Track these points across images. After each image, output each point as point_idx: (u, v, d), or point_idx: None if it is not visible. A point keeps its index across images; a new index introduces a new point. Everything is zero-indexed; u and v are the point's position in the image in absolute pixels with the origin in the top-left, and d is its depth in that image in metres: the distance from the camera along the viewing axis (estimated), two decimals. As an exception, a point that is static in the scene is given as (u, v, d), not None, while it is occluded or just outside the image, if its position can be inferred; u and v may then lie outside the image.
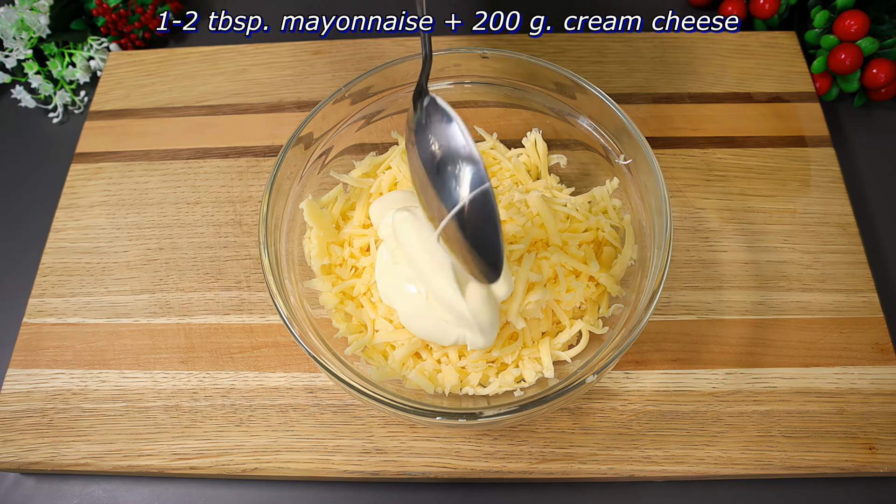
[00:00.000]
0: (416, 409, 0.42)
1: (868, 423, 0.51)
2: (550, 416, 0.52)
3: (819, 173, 0.62)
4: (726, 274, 0.57)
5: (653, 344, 0.54)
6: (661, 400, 0.52)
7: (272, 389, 0.54)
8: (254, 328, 0.56)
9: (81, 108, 0.73)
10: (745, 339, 0.54)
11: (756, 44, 0.69)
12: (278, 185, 0.49)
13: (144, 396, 0.54)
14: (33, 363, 0.56)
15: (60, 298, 0.59)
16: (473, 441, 0.51)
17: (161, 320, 0.57)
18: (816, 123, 0.64)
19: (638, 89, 0.67)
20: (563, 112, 0.54)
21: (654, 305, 0.43)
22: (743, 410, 0.52)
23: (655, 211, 0.48)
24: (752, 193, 0.61)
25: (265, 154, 0.65)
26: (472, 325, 0.47)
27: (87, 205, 0.63)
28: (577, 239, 0.51)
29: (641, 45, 0.70)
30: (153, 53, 0.72)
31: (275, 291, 0.45)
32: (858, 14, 0.65)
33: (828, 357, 0.54)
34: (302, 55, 0.71)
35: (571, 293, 0.49)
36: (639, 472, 0.50)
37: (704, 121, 0.65)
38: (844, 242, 0.58)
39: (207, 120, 0.67)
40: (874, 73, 0.66)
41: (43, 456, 0.52)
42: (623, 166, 0.52)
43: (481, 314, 0.46)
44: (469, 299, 0.46)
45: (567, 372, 0.49)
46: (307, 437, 0.52)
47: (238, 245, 0.60)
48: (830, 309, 0.56)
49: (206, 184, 0.64)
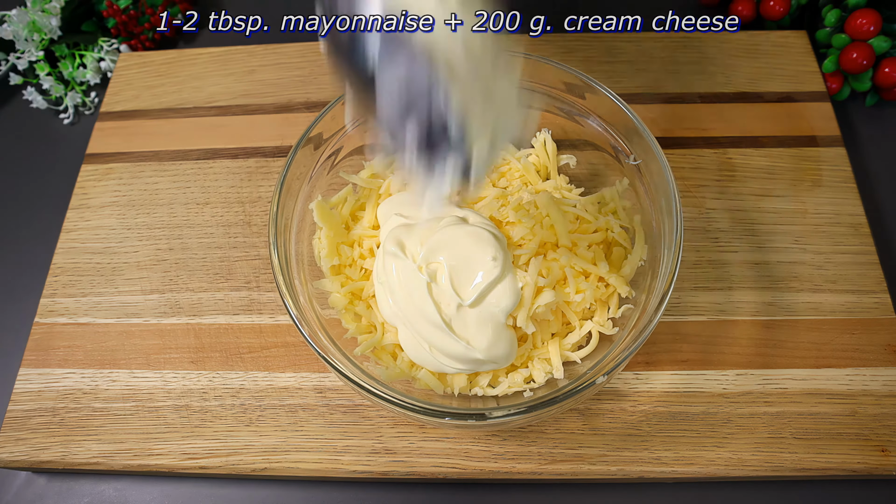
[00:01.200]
0: (425, 409, 0.42)
1: (880, 424, 0.51)
2: (560, 417, 0.52)
3: (830, 173, 0.62)
4: (737, 274, 0.57)
5: (663, 345, 0.54)
6: (672, 401, 0.52)
7: (282, 389, 0.54)
8: (263, 328, 0.57)
9: (92, 109, 0.74)
10: (756, 340, 0.54)
11: (766, 43, 0.69)
12: (288, 185, 0.49)
13: (154, 396, 0.54)
14: (44, 363, 0.56)
15: (71, 298, 0.59)
16: (483, 441, 0.51)
17: (171, 320, 0.57)
18: (827, 123, 0.64)
19: (648, 89, 0.67)
20: (573, 112, 0.54)
21: (664, 306, 0.43)
22: (754, 412, 0.51)
23: (665, 211, 0.47)
24: (762, 194, 0.61)
25: (274, 154, 0.65)
26: (489, 364, 0.47)
27: (97, 205, 0.64)
28: (587, 240, 0.51)
29: (651, 45, 0.69)
30: (163, 54, 0.73)
31: (284, 292, 0.45)
32: (871, 13, 0.64)
33: (839, 358, 0.53)
34: (311, 55, 0.71)
35: (581, 294, 0.49)
36: (648, 474, 0.50)
37: (715, 121, 0.65)
38: (856, 243, 0.58)
39: (217, 121, 0.68)
40: (886, 72, 0.65)
41: (54, 455, 0.52)
42: (633, 166, 0.51)
43: (495, 348, 0.46)
44: (478, 341, 0.46)
45: (577, 373, 0.49)
46: (316, 437, 0.52)
47: (248, 245, 0.61)
48: (842, 310, 0.55)
49: (215, 184, 0.64)
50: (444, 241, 0.47)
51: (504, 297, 0.46)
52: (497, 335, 0.46)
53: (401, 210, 0.51)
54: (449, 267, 0.46)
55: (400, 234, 0.48)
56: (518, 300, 0.46)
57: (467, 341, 0.46)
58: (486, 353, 0.46)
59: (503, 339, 0.47)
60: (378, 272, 0.49)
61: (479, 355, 0.46)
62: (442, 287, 0.46)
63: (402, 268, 0.47)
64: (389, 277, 0.47)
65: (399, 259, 0.47)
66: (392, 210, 0.51)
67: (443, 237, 0.47)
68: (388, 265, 0.47)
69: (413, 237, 0.48)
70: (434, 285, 0.46)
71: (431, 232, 0.47)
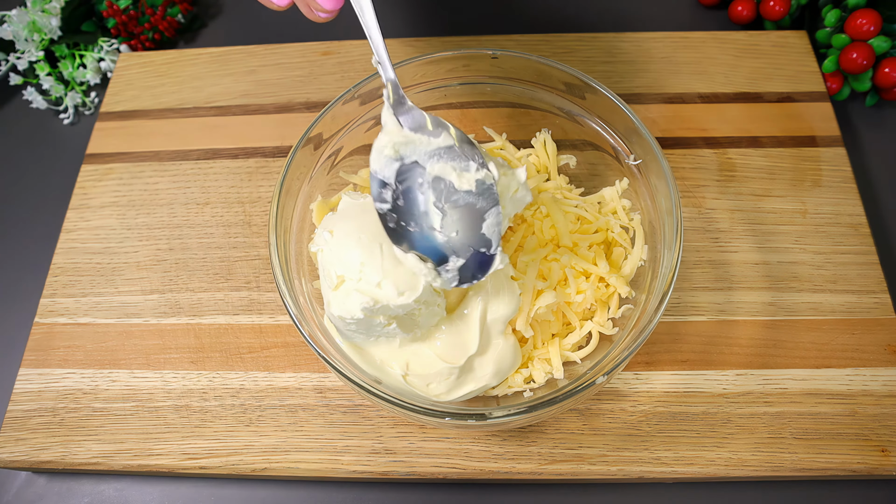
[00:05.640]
0: (425, 409, 0.42)
1: (880, 425, 0.51)
2: (560, 417, 0.52)
3: (830, 173, 0.62)
4: (737, 275, 0.57)
5: (663, 345, 0.54)
6: (671, 401, 0.52)
7: (282, 389, 0.54)
8: (263, 328, 0.57)
9: (92, 110, 0.74)
10: (756, 341, 0.54)
11: (766, 43, 0.69)
12: (288, 185, 0.49)
13: (154, 396, 0.54)
14: (44, 363, 0.56)
15: (71, 298, 0.59)
16: (483, 442, 0.51)
17: (171, 320, 0.57)
18: (827, 123, 0.64)
19: (647, 89, 0.67)
20: (573, 112, 0.54)
21: (664, 306, 0.43)
22: (754, 412, 0.51)
23: (665, 211, 0.47)
24: (762, 194, 0.61)
25: (274, 155, 0.65)
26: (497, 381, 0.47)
27: (97, 205, 0.64)
28: (588, 240, 0.51)
29: (651, 45, 0.69)
30: (163, 54, 0.73)
31: (284, 292, 0.45)
32: (871, 13, 0.64)
33: (839, 358, 0.53)
34: (311, 56, 0.71)
35: (581, 295, 0.49)
36: (648, 474, 0.50)
37: (714, 121, 0.65)
38: (856, 243, 0.58)
39: (217, 121, 0.68)
40: (886, 72, 0.65)
41: (54, 455, 0.52)
42: (633, 166, 0.51)
43: (503, 362, 0.47)
44: (485, 367, 0.46)
45: (577, 373, 0.49)
46: (316, 438, 0.52)
47: (247, 245, 0.61)
48: (842, 310, 0.55)
49: (215, 184, 0.64)
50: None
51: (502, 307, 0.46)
52: (509, 353, 0.47)
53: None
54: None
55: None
56: (519, 305, 0.46)
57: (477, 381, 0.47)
58: (497, 374, 0.46)
59: (510, 355, 0.47)
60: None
61: (493, 380, 0.46)
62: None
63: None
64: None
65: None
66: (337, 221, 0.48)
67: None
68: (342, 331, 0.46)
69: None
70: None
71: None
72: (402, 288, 0.41)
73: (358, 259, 0.42)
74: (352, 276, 0.42)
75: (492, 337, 0.46)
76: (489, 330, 0.46)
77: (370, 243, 0.42)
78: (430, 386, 0.46)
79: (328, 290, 0.44)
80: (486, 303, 0.45)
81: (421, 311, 0.43)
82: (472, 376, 0.46)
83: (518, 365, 0.48)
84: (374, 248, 0.42)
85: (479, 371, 0.46)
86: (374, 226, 0.42)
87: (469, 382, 0.46)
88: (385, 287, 0.41)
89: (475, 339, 0.45)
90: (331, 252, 0.43)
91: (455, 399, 0.46)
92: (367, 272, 0.42)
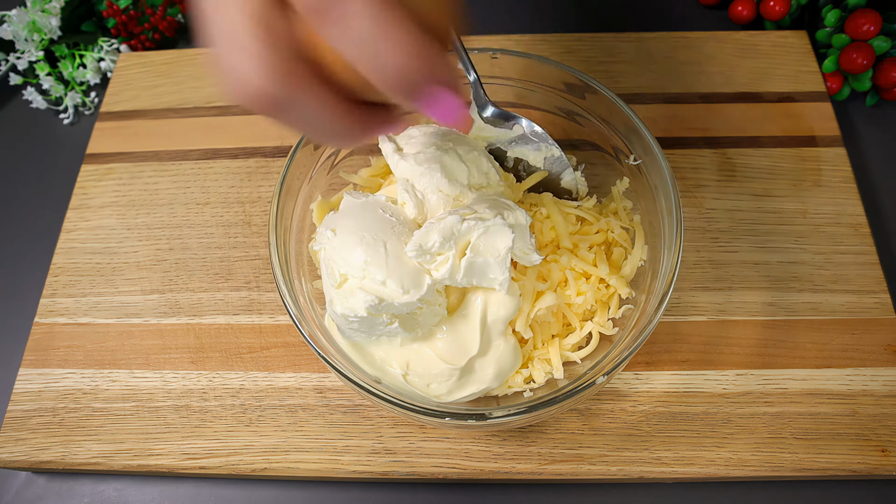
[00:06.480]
0: (425, 409, 0.42)
1: (880, 425, 0.51)
2: (560, 417, 0.52)
3: (830, 173, 0.62)
4: (737, 275, 0.57)
5: (663, 345, 0.54)
6: (672, 401, 0.52)
7: (281, 390, 0.54)
8: (263, 328, 0.57)
9: (92, 109, 0.74)
10: (756, 341, 0.54)
11: (766, 43, 0.69)
12: (288, 185, 0.49)
13: (154, 396, 0.54)
14: (44, 363, 0.56)
15: (71, 298, 0.59)
16: (483, 442, 0.51)
17: (171, 320, 0.57)
18: (827, 123, 0.64)
19: (647, 89, 0.67)
20: (573, 112, 0.54)
21: (664, 306, 0.43)
22: (754, 412, 0.51)
23: (665, 211, 0.47)
24: (762, 194, 0.61)
25: (274, 155, 0.65)
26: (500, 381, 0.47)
27: (97, 205, 0.64)
28: (588, 241, 0.51)
29: (651, 45, 0.69)
30: (163, 54, 0.73)
31: (284, 292, 0.45)
32: (871, 13, 0.64)
33: (839, 358, 0.53)
34: (311, 56, 0.71)
35: (581, 297, 0.49)
36: (648, 474, 0.50)
37: (714, 121, 0.65)
38: (856, 243, 0.58)
39: (217, 121, 0.68)
40: (887, 73, 0.65)
41: (54, 455, 0.52)
42: (633, 166, 0.51)
43: (504, 364, 0.46)
44: (486, 369, 0.46)
45: (577, 373, 0.49)
46: (316, 438, 0.52)
47: (247, 245, 0.61)
48: (842, 310, 0.55)
49: (215, 184, 0.64)
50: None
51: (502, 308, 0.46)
52: (501, 356, 0.46)
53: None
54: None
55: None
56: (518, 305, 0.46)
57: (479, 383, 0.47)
58: (498, 379, 0.46)
59: (511, 359, 0.47)
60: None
61: (494, 382, 0.46)
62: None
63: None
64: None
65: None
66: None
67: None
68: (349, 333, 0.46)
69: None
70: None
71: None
72: (406, 286, 0.41)
73: (362, 257, 0.42)
74: (355, 275, 0.42)
75: (492, 338, 0.46)
76: (489, 331, 0.45)
77: (374, 241, 0.42)
78: (430, 386, 0.46)
79: (331, 289, 0.44)
80: (486, 303, 0.45)
81: (423, 311, 0.43)
82: (474, 378, 0.46)
83: (518, 366, 0.48)
84: (378, 247, 0.42)
85: (480, 373, 0.46)
86: (376, 224, 0.42)
87: (470, 384, 0.46)
88: (390, 285, 0.41)
89: (476, 340, 0.45)
90: (334, 250, 0.43)
91: (456, 401, 0.46)
92: (371, 270, 0.42)
